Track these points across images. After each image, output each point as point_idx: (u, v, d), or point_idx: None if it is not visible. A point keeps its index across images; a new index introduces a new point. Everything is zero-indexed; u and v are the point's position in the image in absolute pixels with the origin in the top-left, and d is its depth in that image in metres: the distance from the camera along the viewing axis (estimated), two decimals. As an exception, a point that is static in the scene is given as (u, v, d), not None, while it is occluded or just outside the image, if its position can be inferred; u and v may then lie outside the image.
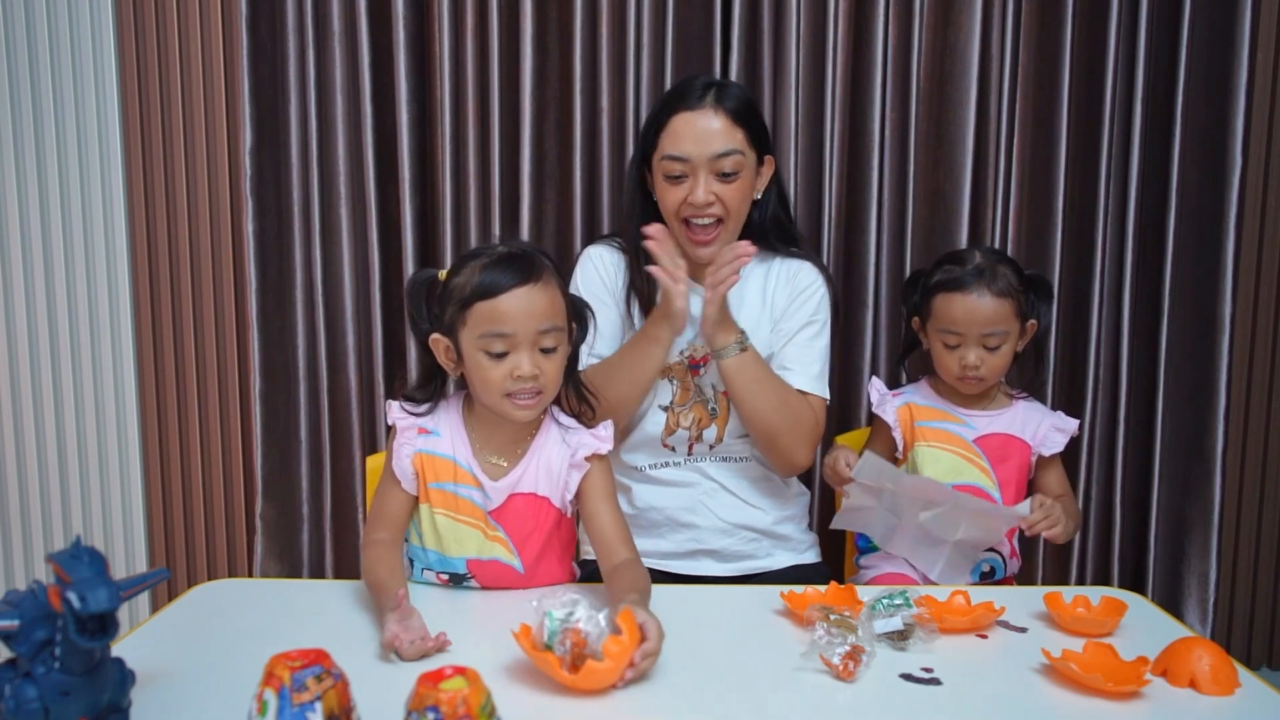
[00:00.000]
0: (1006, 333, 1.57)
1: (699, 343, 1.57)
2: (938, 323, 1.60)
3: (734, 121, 1.51)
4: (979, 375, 1.57)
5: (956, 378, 1.60)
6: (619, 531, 1.30)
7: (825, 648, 1.06)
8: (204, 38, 2.09)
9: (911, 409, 1.65)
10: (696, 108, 1.51)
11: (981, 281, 1.55)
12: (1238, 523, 2.22)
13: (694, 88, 1.53)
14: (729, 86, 1.54)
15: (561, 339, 1.26)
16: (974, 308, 1.55)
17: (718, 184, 1.50)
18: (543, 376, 1.24)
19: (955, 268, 1.59)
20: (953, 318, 1.57)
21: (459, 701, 0.75)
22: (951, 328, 1.57)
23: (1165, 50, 1.96)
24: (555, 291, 1.26)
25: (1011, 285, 1.57)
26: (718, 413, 1.59)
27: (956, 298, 1.56)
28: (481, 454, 1.31)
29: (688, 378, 1.58)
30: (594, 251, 1.65)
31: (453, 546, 1.30)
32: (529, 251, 1.28)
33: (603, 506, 1.31)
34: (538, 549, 1.31)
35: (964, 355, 1.57)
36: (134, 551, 2.23)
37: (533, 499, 1.31)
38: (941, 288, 1.59)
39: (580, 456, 1.30)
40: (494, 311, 1.22)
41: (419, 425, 1.32)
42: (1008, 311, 1.56)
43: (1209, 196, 1.97)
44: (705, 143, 1.49)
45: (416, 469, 1.30)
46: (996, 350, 1.57)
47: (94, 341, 2.19)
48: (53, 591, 0.83)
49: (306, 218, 2.03)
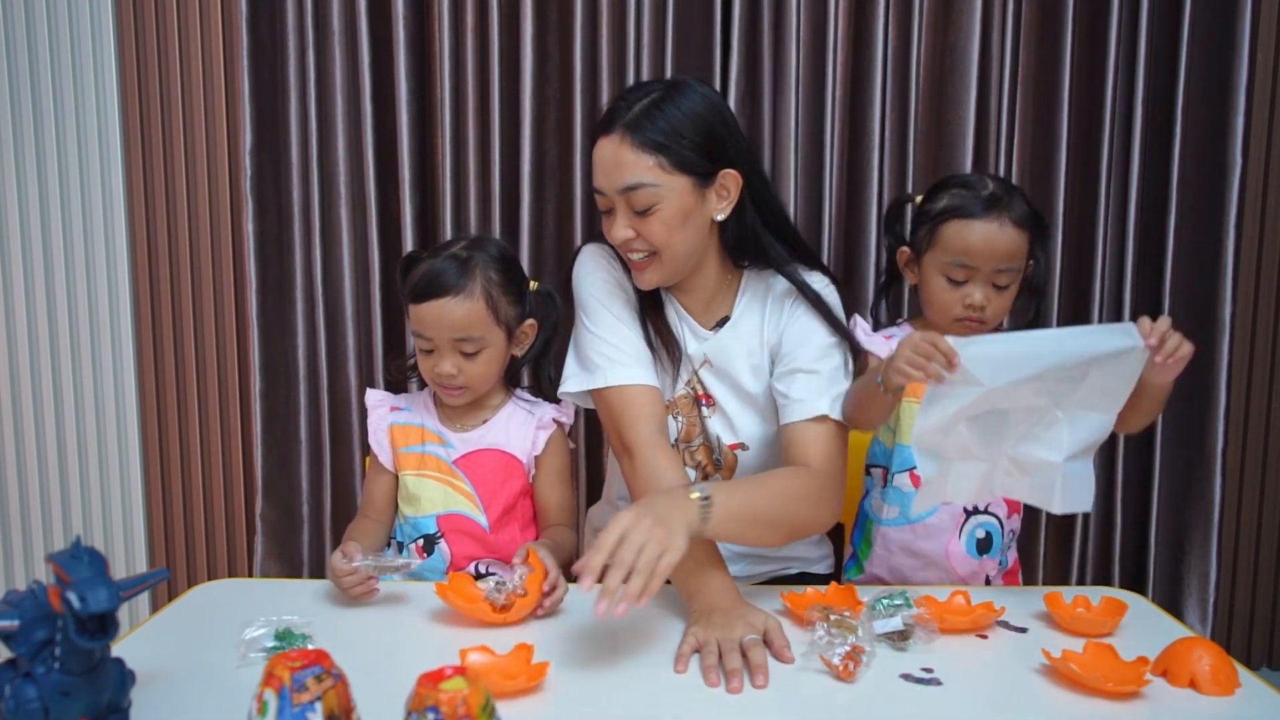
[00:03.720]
0: (1017, 271, 1.40)
1: (703, 373, 1.44)
2: (943, 254, 1.40)
3: (643, 149, 1.28)
4: (982, 317, 1.40)
5: (955, 318, 1.41)
6: (563, 505, 1.46)
7: (825, 648, 1.06)
8: (204, 38, 2.09)
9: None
10: (606, 132, 1.31)
11: (1001, 209, 1.37)
12: (1238, 523, 2.22)
13: (615, 108, 1.32)
14: (639, 104, 1.29)
15: (485, 345, 1.39)
16: (993, 238, 1.37)
17: (635, 218, 1.31)
18: (462, 375, 1.39)
19: (967, 192, 1.40)
20: (967, 248, 1.37)
21: (459, 702, 0.75)
22: (963, 259, 1.38)
23: (1165, 50, 1.95)
24: (477, 304, 1.37)
25: (1026, 217, 1.40)
26: (722, 464, 1.46)
27: (974, 225, 1.37)
28: (447, 421, 1.46)
29: (694, 412, 1.44)
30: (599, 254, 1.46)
31: (423, 504, 1.42)
32: (468, 257, 1.39)
33: (553, 479, 1.46)
34: (501, 508, 1.42)
35: (970, 293, 1.39)
36: (134, 551, 2.23)
37: (500, 454, 1.43)
38: (953, 214, 1.39)
39: (548, 418, 1.45)
40: (418, 316, 1.38)
41: (391, 404, 1.48)
42: (1023, 245, 1.39)
43: (1209, 196, 1.97)
44: (610, 175, 1.31)
45: (391, 440, 1.45)
46: (1004, 290, 1.40)
47: (94, 341, 2.19)
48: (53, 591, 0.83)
49: (306, 218, 2.03)
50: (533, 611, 1.20)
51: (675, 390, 1.44)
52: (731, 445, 1.45)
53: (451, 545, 1.41)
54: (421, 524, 1.42)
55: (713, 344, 1.44)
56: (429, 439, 1.44)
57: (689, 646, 1.10)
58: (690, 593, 1.21)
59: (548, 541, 1.37)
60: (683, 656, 1.09)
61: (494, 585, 1.20)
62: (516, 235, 2.01)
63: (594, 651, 1.13)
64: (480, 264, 1.39)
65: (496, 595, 1.19)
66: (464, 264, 1.38)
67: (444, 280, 1.36)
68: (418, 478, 1.43)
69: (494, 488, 1.42)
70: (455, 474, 1.42)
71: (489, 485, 1.42)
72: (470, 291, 1.36)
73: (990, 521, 1.45)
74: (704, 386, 1.45)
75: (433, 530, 1.41)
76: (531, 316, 1.46)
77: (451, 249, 1.41)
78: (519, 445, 1.44)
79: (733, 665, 1.05)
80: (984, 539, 1.45)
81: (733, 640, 1.09)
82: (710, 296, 1.45)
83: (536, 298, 1.47)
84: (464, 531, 1.41)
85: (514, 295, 1.42)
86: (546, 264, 2.03)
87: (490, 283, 1.38)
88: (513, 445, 1.44)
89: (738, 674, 1.04)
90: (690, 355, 1.44)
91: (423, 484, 1.42)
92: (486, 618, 1.18)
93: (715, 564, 1.23)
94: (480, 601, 1.19)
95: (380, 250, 2.03)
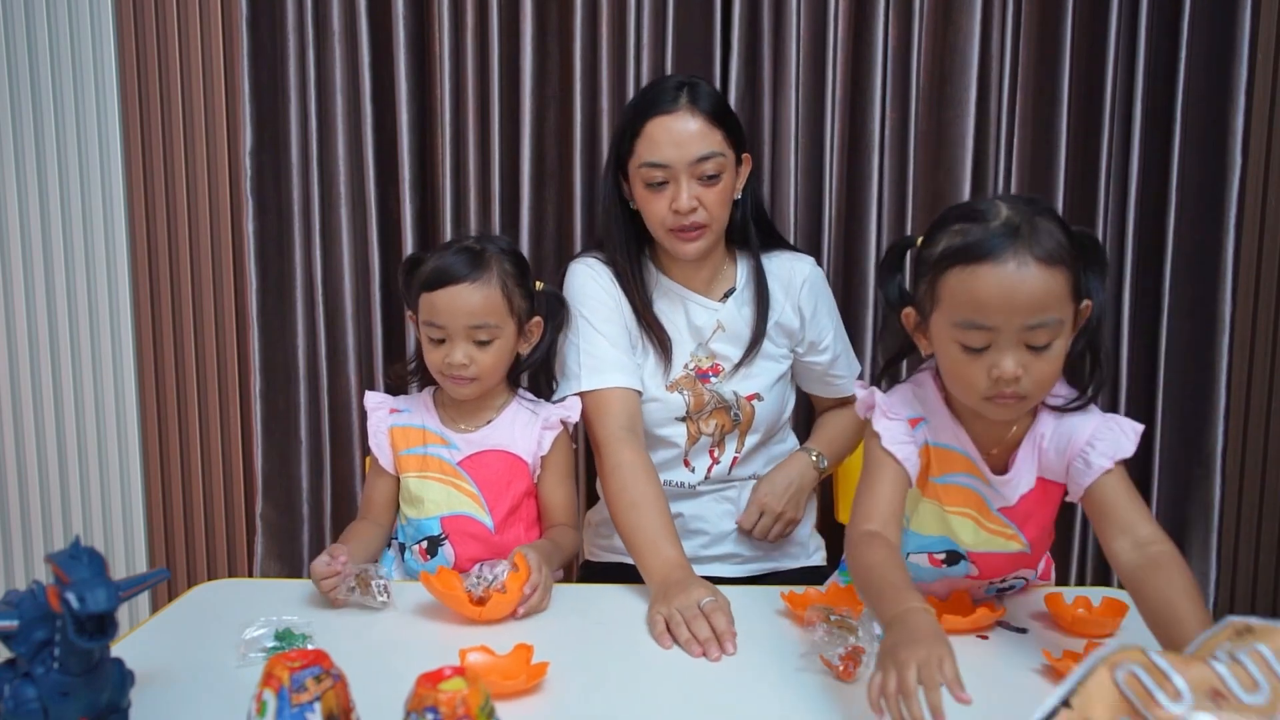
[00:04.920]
0: (1060, 321, 1.04)
1: (701, 354, 1.57)
2: (951, 314, 1.06)
3: (711, 122, 1.46)
4: (1019, 391, 1.05)
5: (984, 397, 1.07)
6: (567, 505, 1.47)
7: (825, 648, 1.06)
8: (204, 38, 2.09)
9: (929, 452, 1.17)
10: (672, 110, 1.45)
11: (1019, 244, 1.01)
12: (1238, 523, 2.22)
13: (666, 90, 1.48)
14: (700, 86, 1.48)
15: (498, 334, 1.39)
16: (1011, 285, 1.01)
17: (699, 188, 1.46)
18: (474, 365, 1.38)
19: (973, 226, 1.05)
20: (978, 303, 1.03)
21: (458, 702, 0.75)
22: (976, 319, 1.03)
23: (1165, 50, 1.95)
24: (493, 290, 1.38)
25: (1062, 247, 1.03)
26: (740, 419, 1.58)
27: (983, 271, 1.02)
28: (449, 423, 1.45)
29: (698, 386, 1.56)
30: (587, 270, 1.56)
31: (426, 506, 1.41)
32: (481, 249, 1.40)
33: (557, 479, 1.46)
34: (507, 509, 1.42)
35: (997, 362, 1.04)
36: (134, 551, 2.23)
37: (505, 455, 1.43)
38: (956, 258, 1.04)
39: (554, 419, 1.44)
40: (431, 304, 1.38)
41: (390, 406, 1.47)
42: (1060, 287, 1.03)
43: (1209, 196, 1.97)
44: (684, 147, 1.44)
45: (391, 443, 1.44)
46: (1045, 350, 1.04)
47: (94, 341, 2.19)
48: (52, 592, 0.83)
49: (306, 218, 2.03)
50: (511, 612, 1.21)
51: (673, 374, 1.56)
52: (749, 396, 1.58)
53: (456, 547, 1.41)
54: (425, 525, 1.42)
55: (725, 313, 1.57)
56: (430, 440, 1.44)
57: (659, 627, 1.17)
58: (647, 572, 1.31)
59: (546, 543, 1.37)
60: (662, 635, 1.16)
61: (475, 575, 1.22)
62: (516, 235, 2.01)
63: (594, 651, 1.13)
64: (494, 255, 1.41)
65: (475, 586, 1.21)
66: (478, 254, 1.40)
67: (460, 267, 1.38)
68: (420, 479, 1.42)
69: (499, 488, 1.42)
70: (459, 475, 1.42)
71: (494, 486, 1.42)
72: (487, 279, 1.38)
73: (1017, 582, 1.30)
74: (713, 357, 1.57)
75: (436, 532, 1.41)
76: (538, 315, 1.47)
77: (461, 244, 1.43)
78: (523, 445, 1.44)
79: (702, 634, 1.13)
80: (1005, 587, 1.30)
81: (692, 607, 1.17)
82: (715, 271, 1.59)
83: (543, 297, 1.49)
84: (468, 533, 1.41)
85: (525, 289, 1.44)
86: (547, 264, 2.02)
87: (505, 273, 1.40)
88: (517, 446, 1.44)
89: (711, 642, 1.12)
90: (699, 327, 1.56)
91: (425, 486, 1.42)
92: (464, 609, 1.19)
93: (669, 539, 1.33)
94: (459, 591, 1.21)
95: (380, 250, 2.03)
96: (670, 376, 1.56)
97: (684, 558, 1.32)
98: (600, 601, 1.32)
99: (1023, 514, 1.18)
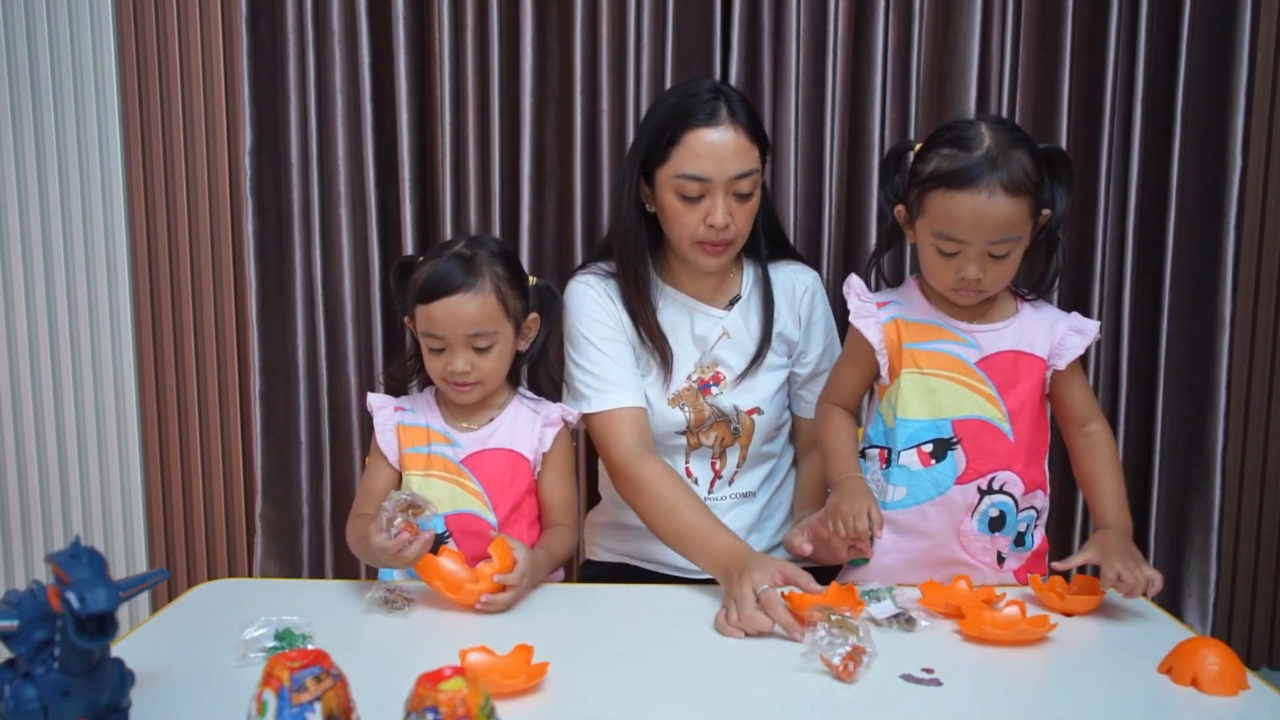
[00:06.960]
0: (1018, 238, 1.28)
1: (705, 363, 1.57)
2: (931, 224, 1.30)
3: (750, 139, 1.45)
4: (979, 288, 1.31)
5: (950, 288, 1.33)
6: (566, 503, 1.46)
7: (825, 648, 1.06)
8: (204, 38, 2.10)
9: (899, 326, 1.38)
10: (713, 124, 1.43)
11: (993, 175, 1.24)
12: (1238, 523, 2.22)
13: (701, 98, 1.45)
14: (734, 95, 1.48)
15: (497, 339, 1.40)
16: (981, 211, 1.25)
17: (734, 203, 1.45)
18: (475, 371, 1.40)
19: (959, 153, 1.27)
20: (953, 222, 1.27)
21: (458, 702, 0.75)
22: (950, 233, 1.28)
23: (1165, 50, 1.95)
24: (489, 298, 1.39)
25: (1028, 175, 1.26)
26: (740, 432, 1.57)
27: (961, 198, 1.26)
28: (452, 421, 1.46)
29: (699, 400, 1.56)
30: (586, 290, 1.57)
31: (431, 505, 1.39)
32: (472, 254, 1.40)
33: (557, 477, 1.46)
34: (510, 506, 1.41)
35: (963, 266, 1.29)
36: (134, 551, 2.23)
37: (507, 453, 1.43)
38: (939, 182, 1.28)
39: (555, 416, 1.45)
40: (428, 316, 1.38)
41: (394, 404, 1.48)
42: (1022, 212, 1.27)
43: (1209, 196, 1.97)
44: (725, 162, 1.43)
45: (398, 439, 1.44)
46: (1003, 259, 1.29)
47: (94, 341, 2.19)
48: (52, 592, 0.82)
49: (306, 218, 2.03)
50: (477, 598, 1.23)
51: (675, 386, 1.55)
52: (749, 410, 1.57)
53: (460, 545, 1.39)
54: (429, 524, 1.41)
55: (730, 320, 1.57)
56: (435, 439, 1.44)
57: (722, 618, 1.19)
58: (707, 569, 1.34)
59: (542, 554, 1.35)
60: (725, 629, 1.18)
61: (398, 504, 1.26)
62: (516, 235, 2.01)
63: (594, 651, 1.13)
64: (485, 260, 1.41)
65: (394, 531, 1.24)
66: (469, 261, 1.40)
67: (454, 278, 1.38)
68: (425, 478, 1.42)
69: (502, 486, 1.42)
70: (463, 473, 1.42)
71: (498, 484, 1.42)
72: (481, 287, 1.38)
73: (1004, 501, 1.37)
74: (716, 365, 1.56)
75: (441, 530, 1.40)
76: (533, 311, 1.47)
77: (451, 249, 1.42)
78: (525, 443, 1.44)
79: (760, 627, 1.15)
80: (997, 517, 1.38)
81: (746, 598, 1.18)
82: (722, 279, 1.59)
83: (537, 292, 1.49)
84: (473, 531, 1.40)
85: (519, 289, 1.45)
86: (547, 264, 2.03)
87: (499, 277, 1.41)
88: (519, 443, 1.44)
89: (766, 632, 1.15)
90: (703, 336, 1.56)
91: (430, 484, 1.41)
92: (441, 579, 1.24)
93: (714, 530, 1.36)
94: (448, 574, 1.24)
95: (380, 250, 2.03)
96: (672, 389, 1.55)
97: (734, 541, 1.34)
98: (600, 601, 1.32)
99: (1000, 373, 1.35)
